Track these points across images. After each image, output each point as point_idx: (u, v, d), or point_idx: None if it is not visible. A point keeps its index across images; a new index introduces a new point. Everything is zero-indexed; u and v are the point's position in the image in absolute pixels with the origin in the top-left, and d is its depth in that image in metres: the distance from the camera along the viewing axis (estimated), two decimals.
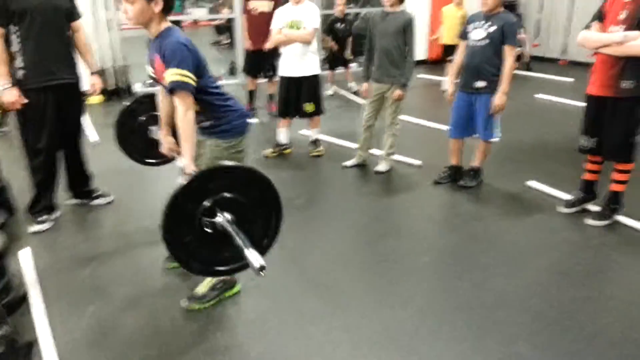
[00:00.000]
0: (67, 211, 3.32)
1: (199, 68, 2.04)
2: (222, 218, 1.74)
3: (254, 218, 1.82)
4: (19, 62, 2.84)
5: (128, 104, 2.70)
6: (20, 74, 2.85)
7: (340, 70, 6.77)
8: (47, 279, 2.55)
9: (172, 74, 1.94)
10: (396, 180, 3.81)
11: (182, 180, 2.03)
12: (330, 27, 6.46)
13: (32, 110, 2.89)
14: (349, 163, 4.04)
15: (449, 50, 5.78)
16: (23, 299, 2.35)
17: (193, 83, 1.98)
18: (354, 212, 3.30)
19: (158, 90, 2.33)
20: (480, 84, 3.32)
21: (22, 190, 3.31)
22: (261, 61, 5.45)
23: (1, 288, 2.24)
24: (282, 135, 4.31)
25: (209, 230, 1.74)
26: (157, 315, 2.27)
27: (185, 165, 2.03)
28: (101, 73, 3.15)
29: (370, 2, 9.21)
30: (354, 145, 4.47)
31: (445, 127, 4.87)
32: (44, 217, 3.08)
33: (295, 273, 2.60)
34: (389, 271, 2.59)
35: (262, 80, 5.75)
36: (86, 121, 3.37)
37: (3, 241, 2.30)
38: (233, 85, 7.12)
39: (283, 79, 4.11)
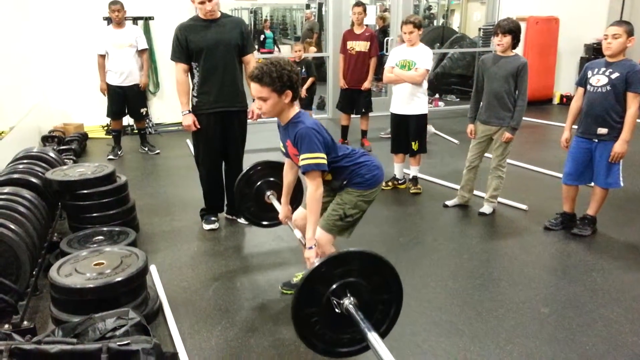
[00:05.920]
0: (199, 228, 3.62)
1: (327, 146, 2.18)
2: (349, 301, 1.75)
3: (375, 303, 1.82)
4: (194, 91, 3.31)
5: (246, 170, 2.85)
6: (194, 101, 3.36)
7: None
8: (173, 295, 2.72)
9: (306, 158, 2.10)
10: (502, 223, 3.72)
11: (306, 256, 2.20)
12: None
13: (201, 131, 3.38)
14: (450, 203, 4.01)
15: None
16: (157, 312, 2.53)
17: (324, 162, 2.13)
18: (461, 254, 3.25)
19: (286, 161, 2.49)
20: (603, 130, 3.23)
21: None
22: (356, 99, 5.60)
23: (141, 301, 2.42)
24: (397, 170, 4.41)
25: (337, 310, 1.74)
26: (281, 340, 2.34)
27: (308, 239, 2.18)
28: None
29: (460, 43, 9.24)
30: (447, 184, 4.45)
31: (548, 172, 4.76)
32: (212, 218, 3.60)
33: (411, 310, 2.59)
34: (507, 319, 2.52)
35: (355, 116, 5.90)
36: None
37: (145, 258, 2.49)
38: (323, 120, 7.32)
39: (392, 115, 4.22)
